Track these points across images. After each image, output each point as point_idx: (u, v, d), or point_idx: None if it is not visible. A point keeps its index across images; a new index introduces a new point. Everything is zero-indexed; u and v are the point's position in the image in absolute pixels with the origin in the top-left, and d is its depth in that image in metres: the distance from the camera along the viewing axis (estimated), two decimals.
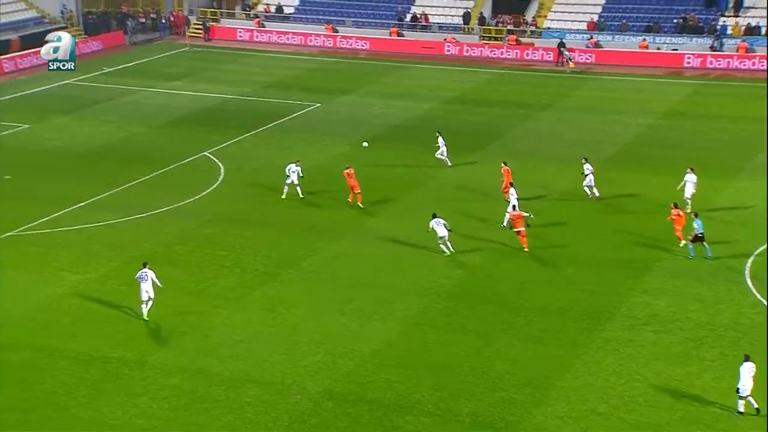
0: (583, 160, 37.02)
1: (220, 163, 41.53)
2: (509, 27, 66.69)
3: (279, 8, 71.37)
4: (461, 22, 67.74)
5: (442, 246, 31.55)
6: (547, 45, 64.00)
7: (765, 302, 28.33)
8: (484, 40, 66.34)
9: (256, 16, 71.32)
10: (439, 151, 40.38)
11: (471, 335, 26.81)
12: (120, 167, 41.01)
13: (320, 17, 70.03)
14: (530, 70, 61.72)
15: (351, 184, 35.78)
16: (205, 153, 42.66)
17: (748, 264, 30.93)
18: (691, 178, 35.08)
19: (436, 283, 30.01)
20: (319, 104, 51.98)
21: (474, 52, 64.99)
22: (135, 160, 41.95)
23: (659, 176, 38.75)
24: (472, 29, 67.32)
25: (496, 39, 66.28)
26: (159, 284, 27.38)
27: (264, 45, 67.98)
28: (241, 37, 69.59)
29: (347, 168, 36.13)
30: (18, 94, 53.89)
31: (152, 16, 73.64)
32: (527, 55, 63.94)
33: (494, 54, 64.69)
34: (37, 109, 50.72)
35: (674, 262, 31.47)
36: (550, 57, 62.95)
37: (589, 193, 36.51)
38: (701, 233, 31.28)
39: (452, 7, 69.01)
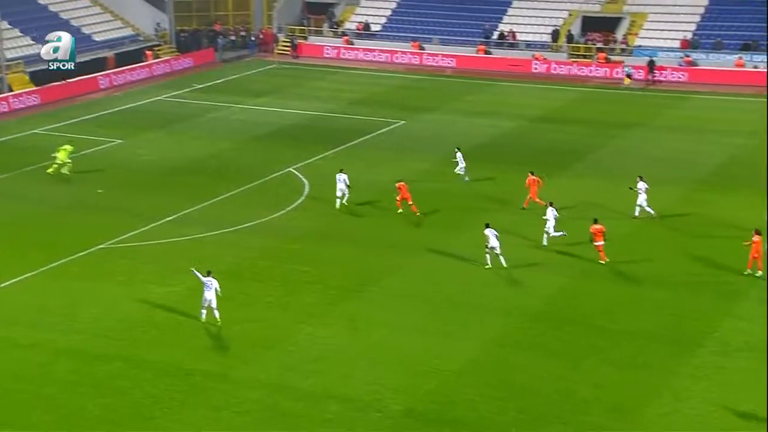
0: (638, 178, 36.54)
1: (304, 179, 42.01)
2: (599, 45, 65.97)
3: (366, 25, 72.05)
4: (549, 39, 67.30)
5: (488, 256, 31.86)
6: (637, 63, 63.06)
7: None
8: (572, 58, 65.75)
9: (344, 34, 72.12)
10: (458, 167, 40.93)
11: (556, 357, 26.46)
12: (207, 182, 41.83)
13: (407, 35, 70.44)
14: (620, 88, 60.86)
15: (404, 196, 36.55)
16: (290, 169, 43.21)
17: None
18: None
19: (520, 302, 29.76)
20: (403, 121, 52.20)
21: (562, 70, 64.43)
22: (222, 175, 42.73)
23: (751, 198, 37.71)
24: (561, 47, 66.81)
25: (584, 57, 65.60)
26: (218, 293, 28.14)
27: (350, 62, 68.64)
28: (328, 54, 70.41)
29: (399, 181, 37.33)
30: (112, 110, 55.51)
31: (242, 33, 75.15)
32: (617, 73, 63.06)
33: (583, 72, 64.01)
34: (130, 124, 52.15)
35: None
36: (640, 75, 62.01)
37: (637, 212, 36.11)
38: None
39: (540, 25, 68.63)
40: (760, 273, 31.16)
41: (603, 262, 32.23)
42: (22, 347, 27.13)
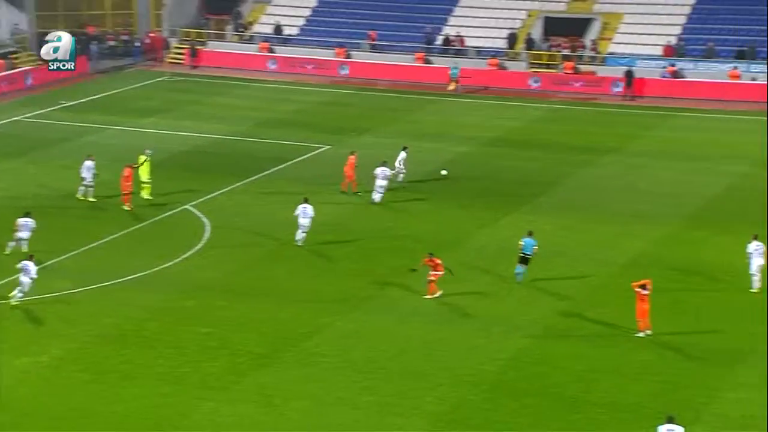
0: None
1: (204, 219, 41.93)
2: (564, 52, 67.33)
3: (278, 28, 72.42)
4: (505, 45, 68.46)
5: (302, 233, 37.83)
6: (612, 74, 64.48)
7: None
8: (533, 67, 66.97)
9: (251, 38, 72.36)
10: (397, 168, 44.98)
11: None
12: (81, 223, 41.51)
13: (330, 40, 71.01)
14: (591, 105, 62.16)
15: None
16: (186, 206, 43.10)
17: None
18: (757, 248, 34.75)
19: (474, 369, 30.01)
20: (328, 146, 52.52)
21: (519, 83, 65.65)
22: (99, 215, 42.44)
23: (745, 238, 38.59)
24: (519, 54, 68.03)
25: (548, 67, 66.92)
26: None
27: (261, 73, 68.88)
28: (232, 63, 70.52)
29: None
30: None
31: (123, 38, 74.94)
32: (587, 86, 64.47)
33: (549, 85, 65.36)
34: None
35: None
36: (619, 89, 63.35)
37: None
38: None
39: (494, 28, 69.81)
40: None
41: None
42: None
